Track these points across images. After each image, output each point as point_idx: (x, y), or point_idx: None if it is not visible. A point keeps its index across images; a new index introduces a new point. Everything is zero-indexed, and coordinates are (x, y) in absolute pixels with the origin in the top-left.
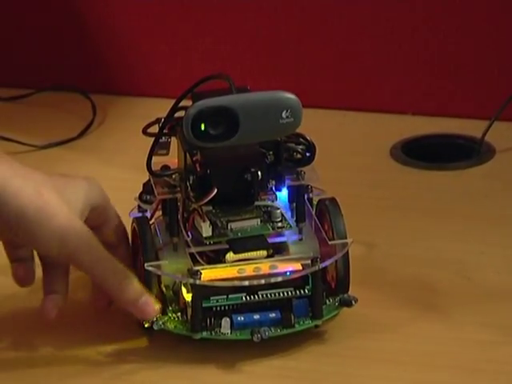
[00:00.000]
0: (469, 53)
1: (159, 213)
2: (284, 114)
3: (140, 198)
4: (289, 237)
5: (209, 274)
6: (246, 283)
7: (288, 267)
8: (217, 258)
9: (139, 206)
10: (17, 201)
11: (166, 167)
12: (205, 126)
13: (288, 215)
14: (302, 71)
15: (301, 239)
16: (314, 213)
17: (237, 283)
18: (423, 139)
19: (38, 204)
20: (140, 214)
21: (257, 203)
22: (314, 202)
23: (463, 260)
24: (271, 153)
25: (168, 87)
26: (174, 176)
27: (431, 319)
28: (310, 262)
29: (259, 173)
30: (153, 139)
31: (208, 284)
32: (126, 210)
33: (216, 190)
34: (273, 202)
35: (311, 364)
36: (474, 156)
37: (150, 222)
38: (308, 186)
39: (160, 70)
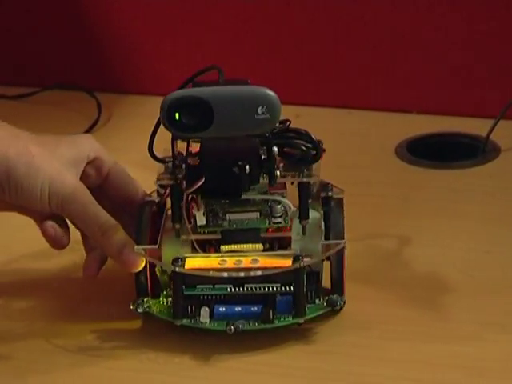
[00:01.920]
0: (474, 51)
1: None
2: (260, 110)
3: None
4: (287, 233)
5: (192, 262)
6: (225, 275)
7: (273, 263)
8: (214, 248)
9: (158, 191)
10: (5, 159)
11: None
12: (179, 116)
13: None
14: (307, 70)
15: (301, 236)
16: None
17: (212, 274)
18: (428, 138)
19: (26, 159)
20: (149, 199)
21: (263, 197)
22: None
23: (468, 259)
24: (264, 148)
25: (173, 86)
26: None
27: (435, 318)
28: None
29: (247, 167)
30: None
31: (186, 272)
32: None
33: (204, 180)
34: (283, 197)
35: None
36: (479, 155)
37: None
38: (328, 184)
39: (165, 69)
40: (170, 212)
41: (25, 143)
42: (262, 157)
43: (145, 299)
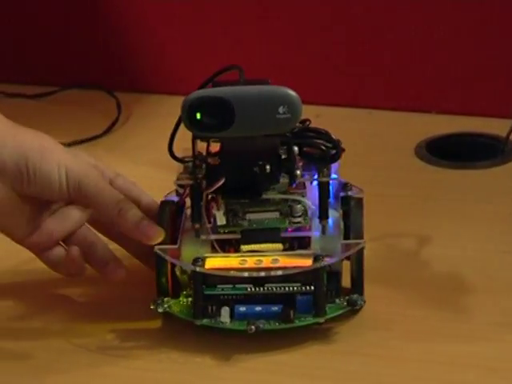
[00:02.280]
0: (493, 51)
1: None
2: (281, 110)
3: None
4: (307, 232)
5: (212, 262)
6: (246, 274)
7: (293, 263)
8: (234, 248)
9: (177, 190)
10: (21, 143)
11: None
12: (201, 116)
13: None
14: (326, 70)
15: (321, 236)
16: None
17: (233, 273)
18: (447, 138)
19: (39, 144)
20: (169, 198)
21: (283, 196)
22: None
23: (486, 259)
24: (284, 147)
25: (192, 85)
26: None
27: (454, 318)
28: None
29: (267, 166)
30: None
31: (206, 272)
32: None
33: (224, 180)
34: (303, 196)
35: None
36: (499, 155)
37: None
38: (347, 183)
39: (184, 69)
40: (189, 212)
41: (35, 133)
42: (282, 156)
43: (165, 299)
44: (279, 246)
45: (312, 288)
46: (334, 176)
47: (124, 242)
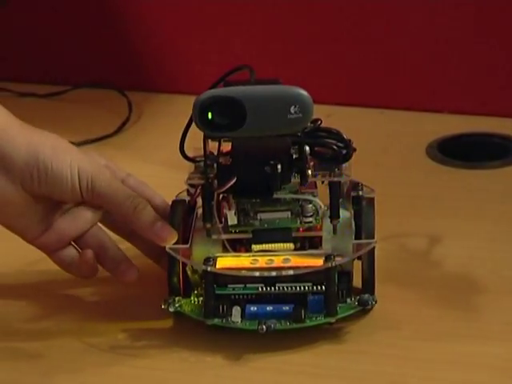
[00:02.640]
0: (505, 51)
1: None
2: (292, 110)
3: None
4: (318, 232)
5: (224, 262)
6: (257, 274)
7: (305, 262)
8: (245, 247)
9: (188, 190)
10: (31, 143)
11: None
12: (212, 115)
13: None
14: (338, 69)
15: (332, 236)
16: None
17: (244, 273)
18: (459, 138)
19: (51, 143)
20: (180, 198)
21: (294, 196)
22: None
23: (497, 259)
24: (296, 147)
25: (203, 84)
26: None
27: (465, 318)
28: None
29: (279, 166)
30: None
31: (217, 272)
32: None
33: (235, 179)
34: (314, 196)
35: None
36: (510, 155)
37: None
38: (359, 183)
39: (195, 68)
40: (200, 211)
41: (46, 133)
42: (294, 156)
43: (176, 298)
44: (290, 245)
45: (323, 288)
46: (345, 176)
47: (136, 241)
